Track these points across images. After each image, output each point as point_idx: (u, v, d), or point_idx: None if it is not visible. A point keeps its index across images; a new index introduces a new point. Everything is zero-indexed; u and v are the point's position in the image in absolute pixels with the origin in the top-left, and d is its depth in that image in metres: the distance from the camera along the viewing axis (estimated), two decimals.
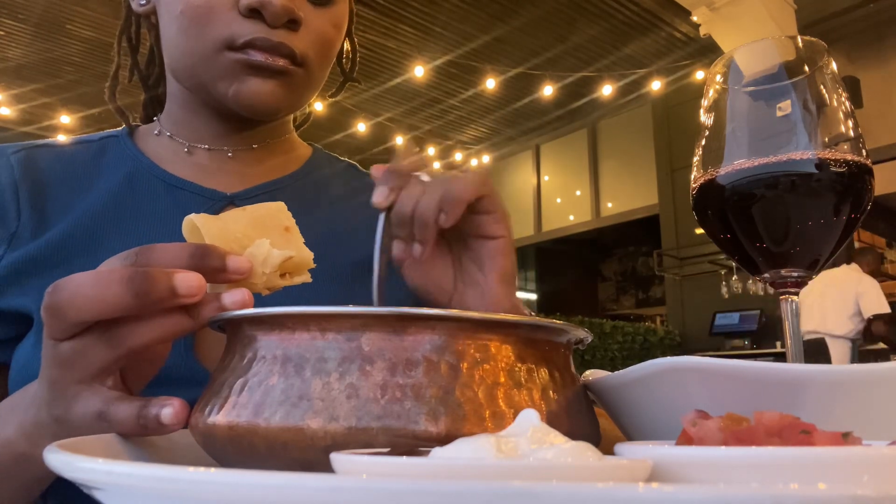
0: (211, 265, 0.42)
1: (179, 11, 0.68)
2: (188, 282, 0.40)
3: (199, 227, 0.45)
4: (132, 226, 0.72)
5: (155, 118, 0.83)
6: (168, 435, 0.45)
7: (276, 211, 0.49)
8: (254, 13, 0.67)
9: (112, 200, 0.73)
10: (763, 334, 6.05)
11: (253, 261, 0.44)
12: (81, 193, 0.74)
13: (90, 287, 0.39)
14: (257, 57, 0.67)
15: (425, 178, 0.56)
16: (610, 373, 0.42)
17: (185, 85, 0.75)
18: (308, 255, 0.48)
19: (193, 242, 0.44)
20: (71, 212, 0.72)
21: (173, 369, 0.64)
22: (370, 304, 0.49)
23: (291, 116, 0.86)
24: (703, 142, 0.54)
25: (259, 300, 0.72)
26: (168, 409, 0.39)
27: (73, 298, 0.39)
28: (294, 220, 0.49)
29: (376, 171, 0.57)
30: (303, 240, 0.49)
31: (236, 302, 0.41)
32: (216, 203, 0.75)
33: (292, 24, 0.69)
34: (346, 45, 0.93)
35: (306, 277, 0.48)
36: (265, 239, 0.45)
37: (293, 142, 0.87)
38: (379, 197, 0.55)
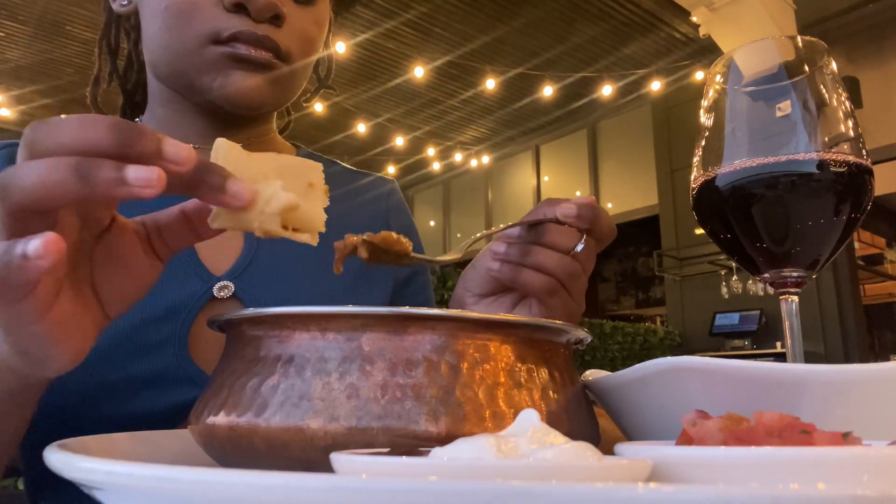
0: (209, 181, 0.38)
1: (164, 7, 0.69)
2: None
3: (221, 150, 0.42)
4: None
5: (137, 120, 0.83)
6: (168, 435, 0.45)
7: (310, 168, 0.45)
8: (238, 8, 0.68)
9: None
10: (763, 334, 6.04)
11: (257, 196, 0.40)
12: None
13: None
14: (242, 50, 0.68)
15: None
16: (610, 373, 0.42)
17: (168, 83, 0.75)
18: (320, 217, 0.44)
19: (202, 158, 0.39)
20: None
21: (167, 370, 0.64)
22: (367, 303, 0.49)
23: (274, 117, 0.87)
24: (703, 142, 0.54)
25: (259, 300, 0.72)
26: (36, 240, 0.32)
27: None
28: (324, 183, 0.46)
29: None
30: (325, 204, 0.45)
31: (139, 178, 0.34)
32: None
33: (276, 19, 0.70)
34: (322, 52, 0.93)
35: (310, 239, 0.44)
36: (279, 181, 0.42)
37: (276, 142, 0.88)
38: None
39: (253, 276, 0.71)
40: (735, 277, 6.26)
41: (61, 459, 0.29)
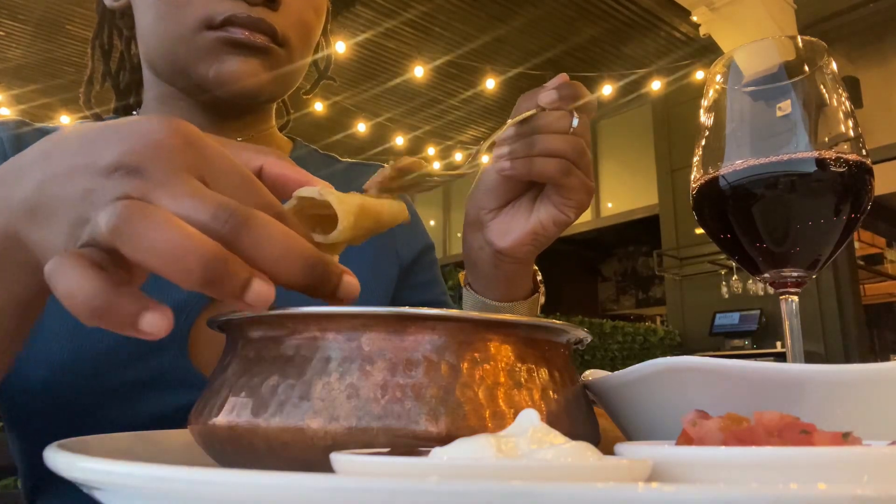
0: (324, 288, 0.33)
1: None
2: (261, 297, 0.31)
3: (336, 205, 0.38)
4: None
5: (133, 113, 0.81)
6: (168, 435, 0.45)
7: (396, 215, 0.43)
8: None
9: None
10: (763, 334, 6.05)
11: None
12: None
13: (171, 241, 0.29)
14: (237, 34, 0.67)
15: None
16: (610, 373, 0.42)
17: (165, 77, 0.73)
18: (345, 237, 0.39)
19: (313, 251, 0.33)
20: None
21: (168, 372, 0.64)
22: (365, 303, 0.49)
23: (273, 114, 0.86)
24: (703, 142, 0.54)
25: None
26: (153, 318, 0.29)
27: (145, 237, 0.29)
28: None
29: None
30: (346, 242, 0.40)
31: (260, 295, 0.31)
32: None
33: (271, 2, 0.68)
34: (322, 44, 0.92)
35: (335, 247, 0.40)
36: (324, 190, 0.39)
37: (276, 137, 0.87)
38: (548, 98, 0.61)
39: None
40: (735, 277, 6.26)
41: (61, 459, 0.29)
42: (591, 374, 0.44)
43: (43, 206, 0.33)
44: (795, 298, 0.52)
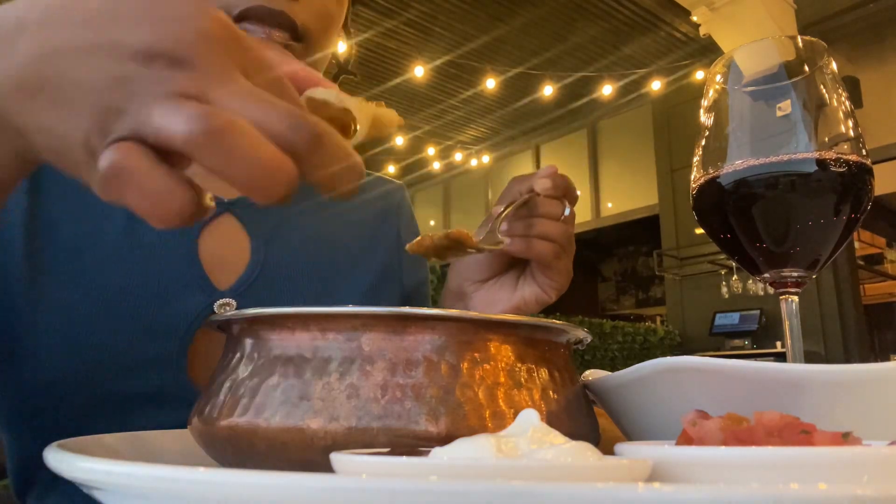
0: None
1: None
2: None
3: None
4: (126, 224, 0.66)
5: None
6: (168, 435, 0.45)
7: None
8: None
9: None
10: (763, 334, 6.04)
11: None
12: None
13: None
14: (253, 32, 0.60)
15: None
16: (610, 373, 0.42)
17: None
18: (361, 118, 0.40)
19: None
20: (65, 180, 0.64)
21: (165, 387, 0.62)
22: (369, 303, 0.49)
23: None
24: (703, 142, 0.54)
25: (259, 300, 0.71)
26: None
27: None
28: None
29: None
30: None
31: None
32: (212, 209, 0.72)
33: None
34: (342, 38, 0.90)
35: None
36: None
37: None
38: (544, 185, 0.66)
39: (259, 292, 0.68)
40: (735, 277, 6.25)
41: (61, 459, 0.29)
42: (591, 374, 0.44)
43: (49, 86, 0.29)
44: (795, 298, 0.52)
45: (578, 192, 0.70)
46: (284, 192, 0.28)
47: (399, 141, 7.49)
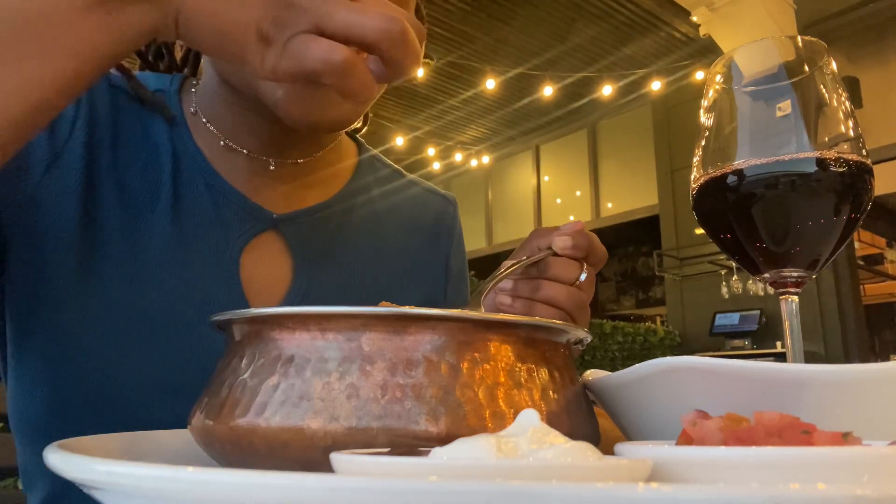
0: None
1: None
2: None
3: None
4: (174, 230, 0.64)
5: (193, 83, 0.71)
6: (168, 435, 0.45)
7: None
8: None
9: (153, 179, 0.64)
10: (763, 334, 6.04)
11: None
12: (126, 150, 0.64)
13: None
14: None
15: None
16: (610, 373, 0.42)
17: (229, 80, 0.64)
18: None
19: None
20: (113, 171, 0.63)
21: (168, 378, 0.61)
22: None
23: None
24: (703, 142, 0.54)
25: (259, 301, 0.70)
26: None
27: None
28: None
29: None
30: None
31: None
32: (260, 224, 0.68)
33: None
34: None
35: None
36: None
37: (340, 149, 0.79)
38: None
39: None
40: (735, 277, 6.26)
41: (61, 459, 0.29)
42: (591, 374, 0.44)
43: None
44: (795, 298, 0.52)
45: (605, 251, 0.62)
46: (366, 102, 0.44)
47: (399, 141, 7.49)
